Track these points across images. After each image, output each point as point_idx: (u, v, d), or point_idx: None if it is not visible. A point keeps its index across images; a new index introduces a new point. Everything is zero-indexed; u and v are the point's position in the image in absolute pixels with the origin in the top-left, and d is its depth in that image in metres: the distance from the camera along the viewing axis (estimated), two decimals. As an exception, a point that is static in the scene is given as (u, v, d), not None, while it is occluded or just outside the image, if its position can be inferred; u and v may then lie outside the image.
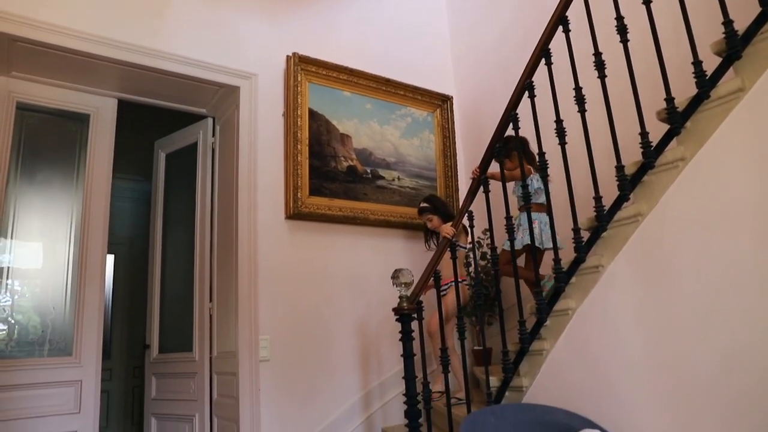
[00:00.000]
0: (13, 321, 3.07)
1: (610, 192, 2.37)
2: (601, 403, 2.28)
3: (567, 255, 2.51)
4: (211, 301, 3.49)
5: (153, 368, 3.80)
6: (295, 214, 3.38)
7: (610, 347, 2.28)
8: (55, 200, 3.30)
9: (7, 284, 3.07)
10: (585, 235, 2.45)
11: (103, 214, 3.34)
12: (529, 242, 2.75)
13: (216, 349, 3.42)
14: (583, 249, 2.41)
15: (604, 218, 2.35)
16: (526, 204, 2.62)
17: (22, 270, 3.14)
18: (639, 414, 2.15)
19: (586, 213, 2.47)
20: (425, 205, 3.46)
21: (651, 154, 2.23)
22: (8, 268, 3.08)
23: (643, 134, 2.26)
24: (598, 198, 2.39)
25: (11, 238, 3.11)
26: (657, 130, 2.26)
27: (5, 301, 3.06)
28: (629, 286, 2.23)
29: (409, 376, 2.43)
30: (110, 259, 5.84)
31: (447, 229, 2.99)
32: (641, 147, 2.25)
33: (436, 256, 2.70)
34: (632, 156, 2.33)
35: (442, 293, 2.93)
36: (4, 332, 3.03)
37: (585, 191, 2.49)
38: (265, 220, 3.32)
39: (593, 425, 2.21)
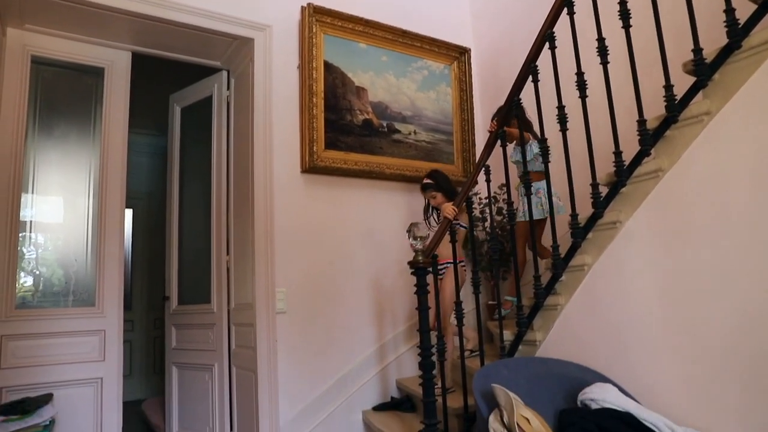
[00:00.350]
0: (38, 273, 3.15)
1: (630, 147, 2.32)
2: (613, 359, 2.30)
3: (585, 210, 2.49)
4: (228, 254, 3.54)
5: (173, 319, 3.90)
6: (311, 167, 3.38)
7: (625, 304, 2.28)
8: (74, 154, 3.32)
9: (30, 238, 3.14)
10: (603, 190, 2.42)
11: (120, 168, 3.36)
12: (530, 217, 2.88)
13: (233, 301, 3.49)
14: (601, 204, 2.38)
15: (623, 173, 2.32)
16: (525, 175, 2.63)
17: (44, 224, 3.20)
18: (652, 371, 2.16)
19: (606, 169, 2.43)
20: (429, 181, 3.27)
21: (675, 107, 2.17)
22: (31, 222, 3.15)
23: (668, 87, 2.19)
24: (618, 153, 2.34)
25: (32, 192, 3.16)
26: (682, 83, 2.19)
27: (30, 254, 3.13)
28: (647, 243, 2.21)
29: (423, 329, 2.46)
30: (128, 213, 5.92)
31: (448, 209, 2.86)
32: (665, 100, 2.19)
33: (435, 239, 2.68)
34: (655, 111, 2.27)
35: (439, 275, 2.86)
36: (31, 284, 3.12)
37: (604, 146, 2.45)
38: (281, 173, 3.33)
39: (605, 379, 2.24)
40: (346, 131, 3.57)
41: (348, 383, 3.33)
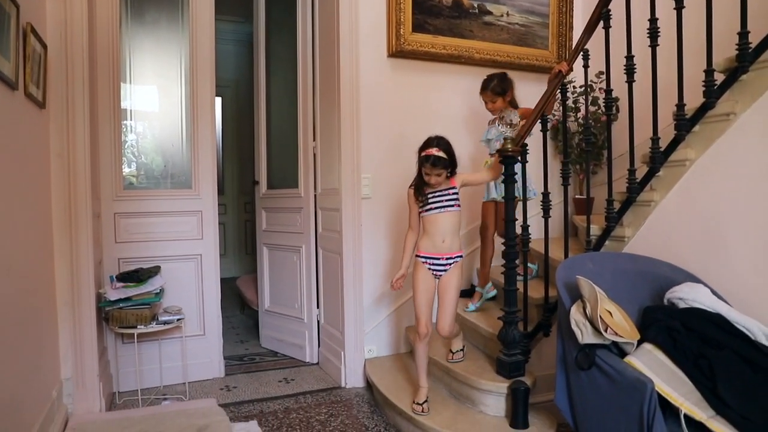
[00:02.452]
0: (140, 155, 3.36)
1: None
2: (708, 260, 2.20)
3: (694, 101, 2.28)
4: (314, 140, 3.60)
5: (262, 203, 4.10)
6: (398, 52, 3.28)
7: (729, 203, 2.13)
8: (165, 42, 3.39)
9: (131, 125, 3.32)
10: (719, 78, 2.18)
11: (209, 55, 3.41)
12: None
13: (320, 186, 3.59)
14: (714, 93, 2.16)
15: (746, 57, 2.06)
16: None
17: (142, 112, 3.38)
18: (750, 276, 2.05)
19: (726, 53, 2.18)
20: (442, 155, 2.39)
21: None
22: (130, 110, 3.31)
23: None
24: (743, 33, 2.07)
25: (130, 82, 3.29)
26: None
27: (132, 141, 3.33)
28: (762, 139, 2.01)
29: (509, 218, 2.44)
30: (218, 101, 6.09)
31: (562, 65, 2.62)
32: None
33: (545, 97, 2.53)
34: None
35: (439, 271, 2.51)
36: (134, 168, 3.35)
37: (725, 28, 2.17)
38: (367, 58, 3.25)
39: (696, 280, 2.16)
40: (435, 13, 3.38)
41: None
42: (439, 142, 2.42)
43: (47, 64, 2.50)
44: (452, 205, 2.45)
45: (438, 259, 2.48)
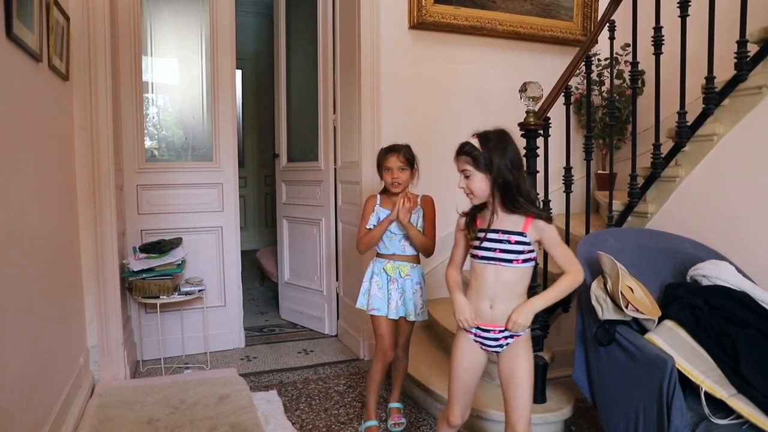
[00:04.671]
0: (161, 128, 3.39)
1: None
2: (734, 237, 2.16)
3: (723, 74, 2.21)
4: (335, 112, 3.58)
5: (282, 176, 4.11)
6: (419, 23, 3.23)
7: (756, 181, 2.08)
8: (185, 14, 3.38)
9: (152, 98, 3.34)
10: (752, 49, 2.11)
11: (229, 27, 3.39)
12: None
13: (340, 159, 3.58)
14: (746, 66, 2.09)
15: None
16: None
17: (163, 85, 3.40)
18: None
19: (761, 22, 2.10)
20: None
21: None
22: (151, 83, 3.33)
23: None
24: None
25: (151, 55, 3.30)
26: None
27: (153, 113, 3.36)
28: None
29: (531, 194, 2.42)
30: (237, 74, 6.08)
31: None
32: None
33: (550, 99, 2.47)
34: None
35: (489, 346, 1.73)
36: (156, 141, 3.38)
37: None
38: (388, 30, 3.21)
39: (720, 257, 2.12)
40: (457, -17, 3.32)
41: (451, 243, 3.41)
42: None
43: (70, 36, 2.51)
44: (512, 261, 1.66)
45: (486, 331, 1.72)
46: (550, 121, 2.49)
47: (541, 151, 2.37)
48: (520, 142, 1.96)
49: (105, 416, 2.32)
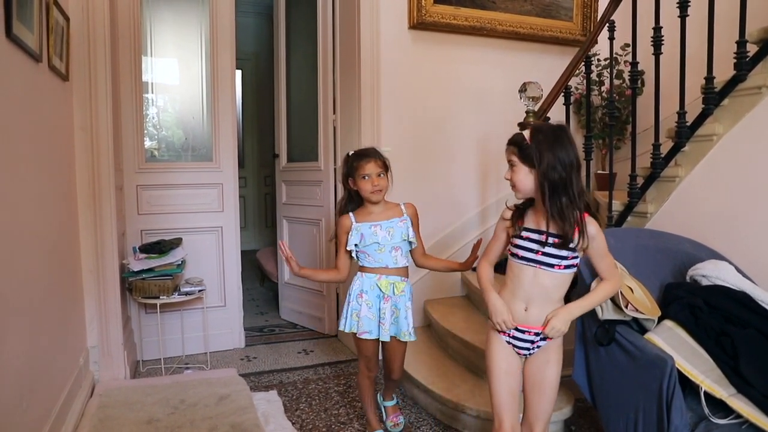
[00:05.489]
0: (161, 128, 3.39)
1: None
2: (733, 238, 2.16)
3: (722, 74, 2.21)
4: (334, 112, 3.58)
5: (282, 176, 4.11)
6: (419, 23, 3.24)
7: (756, 181, 2.09)
8: (185, 14, 3.38)
9: (152, 99, 3.35)
10: (751, 50, 2.11)
11: (229, 27, 3.39)
12: None
13: (340, 159, 3.58)
14: (745, 66, 2.10)
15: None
16: None
17: (162, 85, 3.39)
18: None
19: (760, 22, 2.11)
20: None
21: None
22: (151, 84, 3.33)
23: None
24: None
25: (150, 55, 3.30)
26: None
27: (153, 113, 3.36)
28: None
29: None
30: (237, 74, 6.09)
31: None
32: None
33: (550, 98, 2.48)
34: None
35: (521, 349, 1.68)
36: (155, 141, 3.38)
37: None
38: (388, 30, 3.22)
39: (720, 257, 2.12)
40: (457, -17, 3.32)
41: (450, 243, 3.42)
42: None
43: (70, 36, 2.51)
44: (554, 266, 1.59)
45: (522, 332, 1.66)
46: (550, 121, 2.49)
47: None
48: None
49: (105, 416, 2.32)
